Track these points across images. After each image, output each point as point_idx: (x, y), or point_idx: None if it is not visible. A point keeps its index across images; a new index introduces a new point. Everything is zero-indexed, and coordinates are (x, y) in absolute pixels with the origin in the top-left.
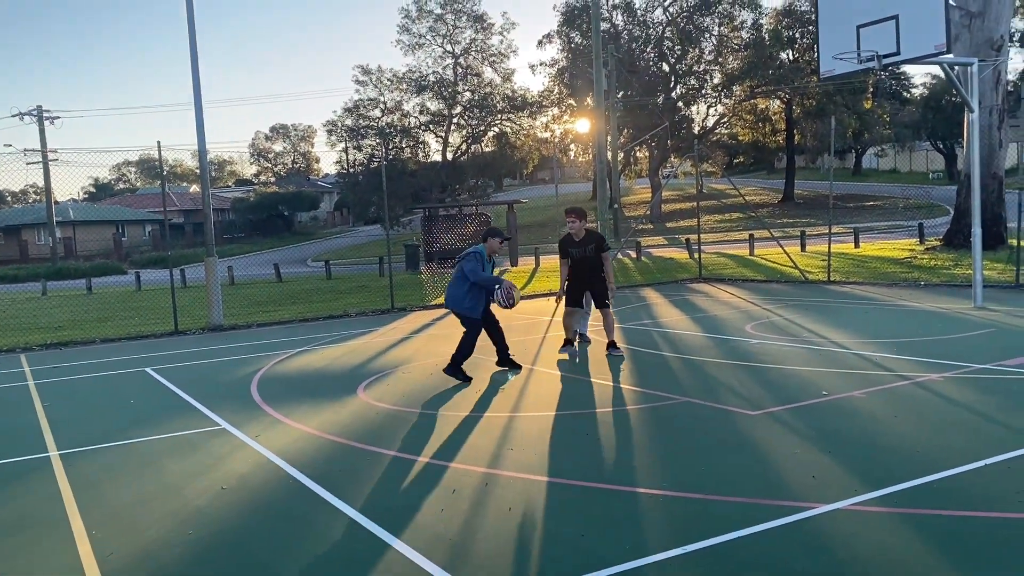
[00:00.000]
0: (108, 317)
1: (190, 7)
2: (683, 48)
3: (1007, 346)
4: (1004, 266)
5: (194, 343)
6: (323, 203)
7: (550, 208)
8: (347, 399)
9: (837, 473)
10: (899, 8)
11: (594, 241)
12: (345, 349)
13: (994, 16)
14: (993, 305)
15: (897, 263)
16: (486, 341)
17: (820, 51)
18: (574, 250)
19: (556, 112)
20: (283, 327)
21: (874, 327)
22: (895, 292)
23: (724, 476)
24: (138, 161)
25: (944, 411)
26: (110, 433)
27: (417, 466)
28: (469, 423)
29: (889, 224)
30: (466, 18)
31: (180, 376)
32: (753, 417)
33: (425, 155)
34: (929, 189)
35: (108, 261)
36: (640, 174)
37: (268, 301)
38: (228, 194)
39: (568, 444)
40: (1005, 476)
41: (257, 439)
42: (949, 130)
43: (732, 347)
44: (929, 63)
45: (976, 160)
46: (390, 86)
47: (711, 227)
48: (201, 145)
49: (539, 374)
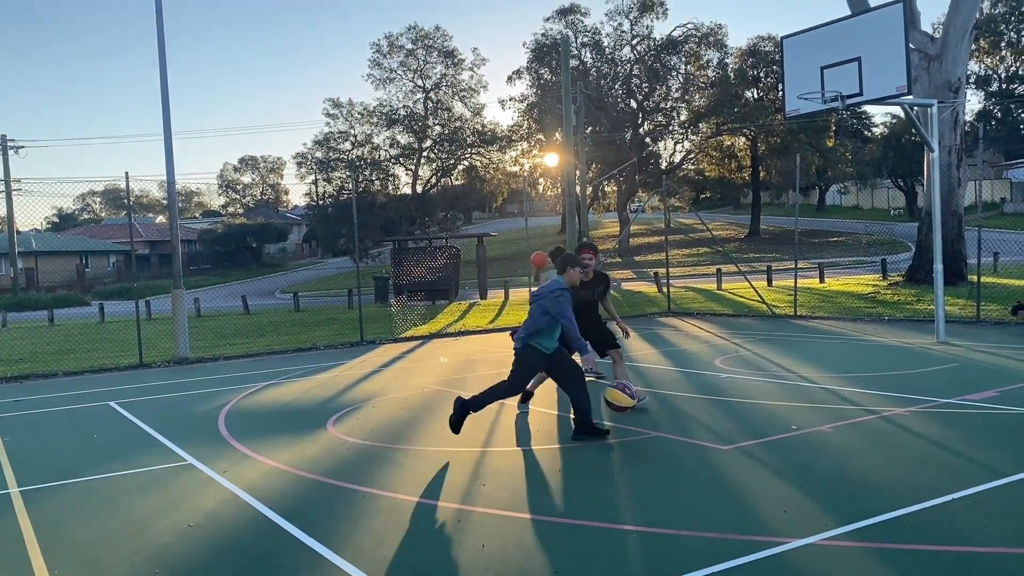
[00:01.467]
0: (71, 350)
1: (161, 37)
2: (650, 85)
3: (971, 380)
4: (965, 302)
5: (160, 376)
6: (292, 235)
7: (519, 241)
8: (317, 433)
9: (808, 508)
10: (861, 51)
11: (603, 283)
12: (314, 382)
13: (951, 59)
14: (956, 340)
15: (861, 298)
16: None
17: (786, 91)
18: (583, 292)
19: (526, 146)
20: (251, 360)
21: (841, 361)
22: (860, 327)
23: (697, 511)
24: (103, 191)
25: (911, 445)
26: (73, 469)
27: (388, 502)
28: (440, 458)
29: (853, 260)
30: (437, 53)
31: (145, 410)
32: (724, 452)
33: (395, 188)
34: (891, 225)
35: (71, 292)
36: (609, 208)
37: (235, 333)
38: (195, 225)
39: (540, 480)
40: (972, 510)
41: (225, 475)
42: (909, 168)
43: (702, 381)
44: (891, 104)
45: (937, 198)
46: (360, 119)
47: (679, 261)
48: (170, 176)
49: (510, 409)
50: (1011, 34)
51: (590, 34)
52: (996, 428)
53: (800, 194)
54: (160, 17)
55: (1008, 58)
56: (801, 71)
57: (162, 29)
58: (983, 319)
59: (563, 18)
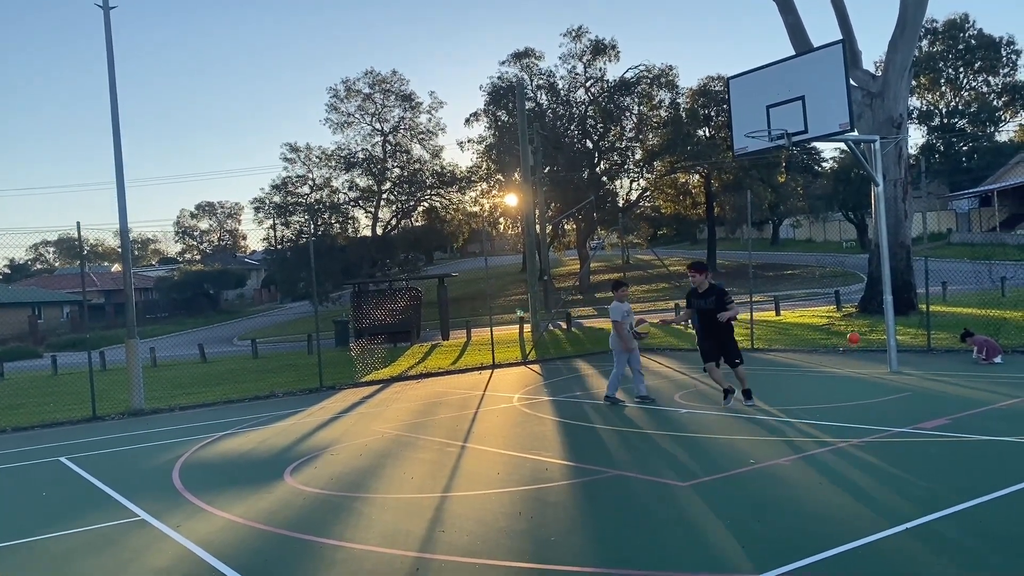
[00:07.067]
0: (20, 404)
1: (112, 84)
2: (605, 126)
3: (923, 409)
4: (916, 331)
5: (113, 429)
6: (250, 280)
7: (481, 281)
8: (273, 484)
9: (768, 542)
10: (805, 90)
11: (715, 294)
12: (272, 431)
13: (892, 96)
14: (908, 369)
15: (817, 329)
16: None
17: (734, 130)
18: (697, 301)
19: (485, 187)
20: (207, 409)
21: (797, 394)
22: (815, 358)
23: (660, 550)
24: (56, 240)
25: (867, 476)
26: (19, 529)
27: (346, 553)
28: (399, 505)
29: (807, 292)
30: (394, 97)
31: (97, 464)
32: (684, 488)
33: (355, 230)
34: (843, 258)
35: (23, 345)
36: (569, 246)
37: (192, 383)
38: (152, 273)
39: (501, 523)
40: (929, 539)
41: (178, 529)
42: (859, 201)
43: (662, 417)
44: (835, 140)
45: (884, 230)
46: (319, 163)
47: (638, 297)
48: (123, 224)
49: (472, 451)
50: (949, 71)
51: (545, 76)
52: (949, 456)
53: (754, 228)
54: (112, 69)
55: (947, 94)
56: (748, 110)
57: (114, 78)
58: (934, 347)
59: (518, 61)
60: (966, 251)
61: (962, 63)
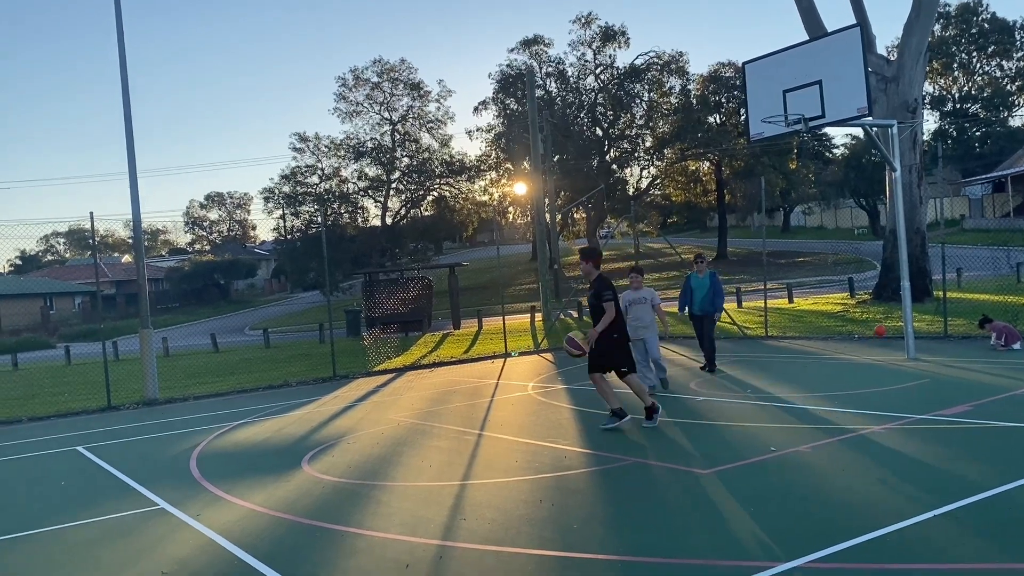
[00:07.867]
0: (35, 394)
1: (124, 76)
2: (615, 113)
3: (943, 396)
4: (932, 317)
5: (129, 418)
6: (260, 270)
7: (491, 270)
8: (292, 473)
9: (791, 530)
10: (822, 74)
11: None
12: (287, 420)
13: (907, 80)
14: (925, 356)
15: (831, 316)
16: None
17: (749, 115)
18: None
19: (494, 176)
20: (222, 399)
21: (814, 381)
22: (831, 345)
23: (680, 538)
24: (68, 232)
25: (889, 463)
26: (38, 519)
27: (367, 541)
28: (419, 493)
29: (820, 279)
30: (403, 86)
31: (114, 454)
32: (704, 476)
33: (364, 220)
34: (857, 245)
35: (35, 335)
36: (578, 235)
37: (205, 372)
38: (162, 264)
39: (521, 511)
40: (953, 526)
41: (198, 518)
42: (871, 188)
43: (678, 405)
44: (852, 125)
45: (900, 216)
46: (328, 153)
47: (649, 285)
48: (136, 215)
49: (488, 439)
50: (962, 55)
51: (554, 64)
52: (972, 442)
53: (765, 216)
54: (123, 60)
55: (960, 79)
56: (763, 95)
57: (125, 70)
58: (951, 334)
59: (527, 49)
60: (980, 237)
61: (975, 47)
